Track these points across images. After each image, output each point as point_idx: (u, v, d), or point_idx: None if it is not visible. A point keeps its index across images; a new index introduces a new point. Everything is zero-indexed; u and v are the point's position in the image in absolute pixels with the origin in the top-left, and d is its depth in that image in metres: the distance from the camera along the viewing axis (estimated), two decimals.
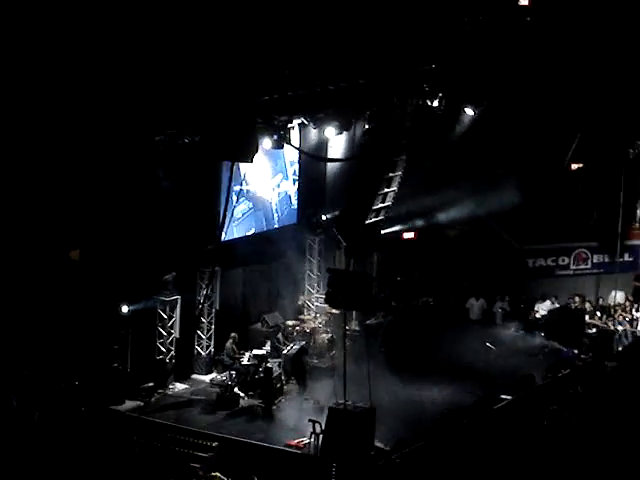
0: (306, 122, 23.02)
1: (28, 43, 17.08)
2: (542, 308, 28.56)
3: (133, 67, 17.88)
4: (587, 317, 27.72)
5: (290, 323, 26.11)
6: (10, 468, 15.93)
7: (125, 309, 21.25)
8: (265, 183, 25.39)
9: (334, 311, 24.73)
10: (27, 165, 18.25)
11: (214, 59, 18.07)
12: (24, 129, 17.83)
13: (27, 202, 18.58)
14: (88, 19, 17.37)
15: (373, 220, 19.44)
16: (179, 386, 23.17)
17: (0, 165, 17.88)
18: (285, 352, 23.93)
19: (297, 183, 26.90)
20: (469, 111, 24.24)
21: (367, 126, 20.53)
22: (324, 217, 27.22)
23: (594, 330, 27.16)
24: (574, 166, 27.87)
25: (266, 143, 21.46)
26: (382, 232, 20.89)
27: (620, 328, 27.00)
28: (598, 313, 28.12)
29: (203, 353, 24.31)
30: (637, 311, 27.94)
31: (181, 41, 17.90)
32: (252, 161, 20.96)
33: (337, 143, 26.02)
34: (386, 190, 19.47)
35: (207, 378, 23.69)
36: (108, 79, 17.86)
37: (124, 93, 18.07)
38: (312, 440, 18.89)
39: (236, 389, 22.45)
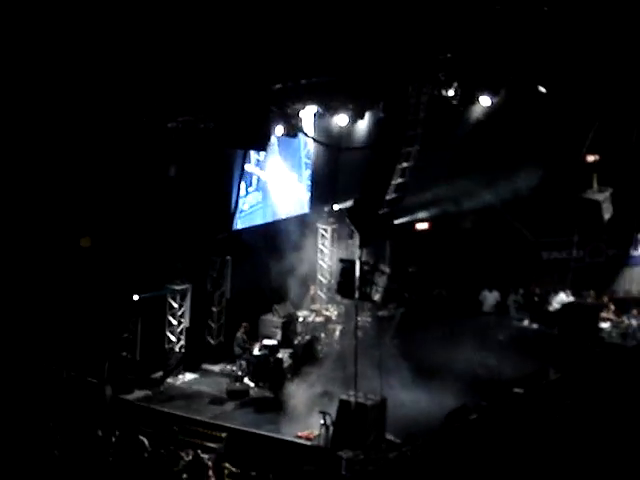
0: (320, 110, 22.83)
1: (40, 30, 16.97)
2: (556, 301, 28.29)
3: (147, 54, 17.75)
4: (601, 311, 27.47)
5: (301, 313, 25.94)
6: (17, 457, 15.89)
7: (135, 297, 21.12)
8: (278, 180, 25.22)
9: (346, 301, 24.54)
10: (37, 153, 18.16)
11: (228, 47, 17.92)
12: (34, 116, 17.73)
13: (37, 189, 18.50)
14: (101, 6, 17.25)
15: (386, 210, 19.29)
16: (188, 376, 23.04)
17: (10, 153, 17.78)
18: (296, 342, 23.84)
19: (310, 187, 26.84)
20: (484, 101, 24.06)
21: (382, 115, 20.42)
22: (337, 206, 27.02)
23: (608, 324, 26.89)
24: (590, 158, 27.53)
25: (278, 130, 21.33)
26: (395, 222, 20.73)
27: (634, 322, 26.71)
28: (612, 307, 27.83)
29: (213, 343, 24.18)
30: None
31: (195, 28, 17.75)
32: (265, 149, 21.00)
33: (355, 134, 25.78)
34: (399, 180, 19.34)
35: (217, 368, 23.57)
36: (120, 66, 17.73)
37: (136, 80, 17.95)
38: (322, 431, 18.81)
39: (246, 379, 22.38)
